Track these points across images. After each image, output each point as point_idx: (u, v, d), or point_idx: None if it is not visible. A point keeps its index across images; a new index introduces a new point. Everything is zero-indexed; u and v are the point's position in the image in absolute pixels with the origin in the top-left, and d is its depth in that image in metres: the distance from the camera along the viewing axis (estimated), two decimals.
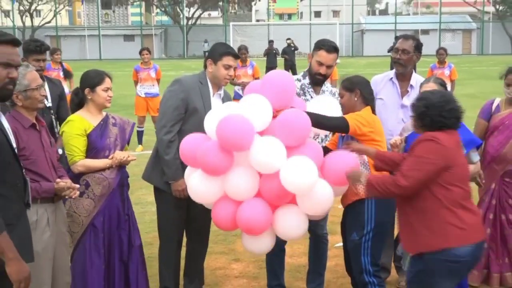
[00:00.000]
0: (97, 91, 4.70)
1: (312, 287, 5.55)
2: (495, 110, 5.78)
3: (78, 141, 4.63)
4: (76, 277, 4.64)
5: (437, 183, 3.88)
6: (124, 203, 4.90)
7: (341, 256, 6.53)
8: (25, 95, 4.13)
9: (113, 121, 4.84)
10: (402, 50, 5.55)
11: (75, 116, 4.73)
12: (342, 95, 4.77)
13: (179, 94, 4.95)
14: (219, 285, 5.90)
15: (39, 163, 4.14)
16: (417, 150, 3.93)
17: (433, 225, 3.89)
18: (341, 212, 8.10)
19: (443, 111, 3.94)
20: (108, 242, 4.81)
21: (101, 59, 54.44)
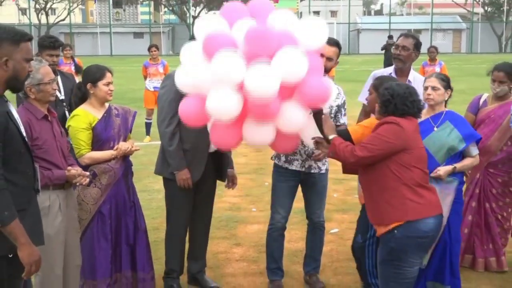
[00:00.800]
0: (98, 86, 4.67)
1: (308, 270, 5.54)
2: (482, 104, 5.81)
3: (84, 135, 4.61)
4: (84, 261, 4.62)
5: (397, 163, 3.98)
6: (129, 190, 4.90)
7: (336, 241, 6.58)
8: (37, 89, 4.12)
9: (115, 112, 4.82)
10: (402, 46, 5.54)
11: (80, 110, 4.70)
12: (370, 92, 4.65)
13: (172, 87, 4.79)
14: (221, 268, 5.90)
15: (51, 152, 4.13)
16: (380, 129, 4.04)
17: (394, 200, 3.98)
18: (336, 201, 8.17)
19: (406, 101, 4.05)
20: (115, 228, 4.81)
21: (112, 55, 54.43)
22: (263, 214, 7.53)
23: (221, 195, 8.56)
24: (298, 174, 5.25)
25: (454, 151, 4.80)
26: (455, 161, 4.81)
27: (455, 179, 4.82)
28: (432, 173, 4.71)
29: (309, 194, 5.40)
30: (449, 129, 4.82)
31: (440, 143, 4.79)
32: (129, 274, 4.90)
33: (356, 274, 5.71)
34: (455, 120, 4.89)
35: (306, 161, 5.19)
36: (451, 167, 4.76)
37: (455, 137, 4.79)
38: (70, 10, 61.31)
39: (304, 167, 5.20)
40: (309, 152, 5.13)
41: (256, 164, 10.60)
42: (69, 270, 4.37)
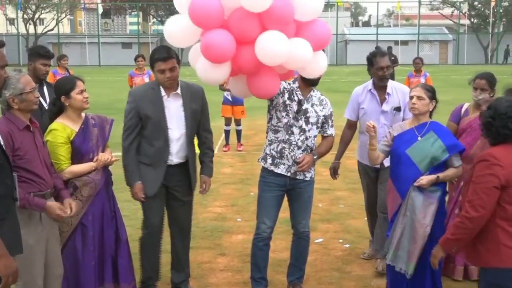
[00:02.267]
0: (72, 96, 4.62)
1: (291, 280, 5.53)
2: (464, 113, 5.88)
3: (62, 149, 4.57)
4: (68, 273, 4.61)
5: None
6: (110, 201, 4.88)
7: (320, 251, 6.59)
8: (20, 98, 4.10)
9: (92, 122, 4.80)
10: (387, 67, 5.95)
11: (57, 124, 4.65)
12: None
13: (131, 104, 5.07)
14: (205, 278, 5.89)
15: (33, 162, 4.13)
16: (474, 174, 3.67)
17: (488, 244, 3.66)
18: (321, 210, 8.17)
19: (509, 122, 3.63)
20: (98, 239, 4.78)
21: (100, 65, 54.37)
22: (248, 224, 7.53)
23: (207, 205, 8.58)
24: (284, 184, 5.27)
25: (437, 161, 4.84)
26: (438, 171, 4.84)
27: (438, 188, 4.85)
28: (415, 182, 4.77)
29: (295, 204, 5.41)
30: (433, 139, 4.87)
31: (424, 153, 4.83)
32: (112, 287, 4.88)
33: (339, 283, 5.74)
34: (439, 130, 4.94)
35: (292, 167, 5.20)
36: (434, 177, 4.79)
37: (439, 147, 4.83)
38: (59, 20, 61.18)
39: (289, 172, 5.21)
40: (295, 158, 5.16)
41: (242, 174, 10.61)
42: (50, 280, 4.36)
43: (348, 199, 8.95)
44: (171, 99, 5.14)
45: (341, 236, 7.17)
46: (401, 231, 4.86)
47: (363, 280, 5.82)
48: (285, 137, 5.17)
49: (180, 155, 5.24)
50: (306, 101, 5.22)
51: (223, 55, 4.46)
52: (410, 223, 4.82)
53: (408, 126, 5.04)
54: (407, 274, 4.84)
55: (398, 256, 4.89)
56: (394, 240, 4.90)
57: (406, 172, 4.86)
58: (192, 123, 5.24)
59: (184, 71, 4.51)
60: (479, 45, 60.92)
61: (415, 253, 4.80)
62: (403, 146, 4.92)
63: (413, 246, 4.81)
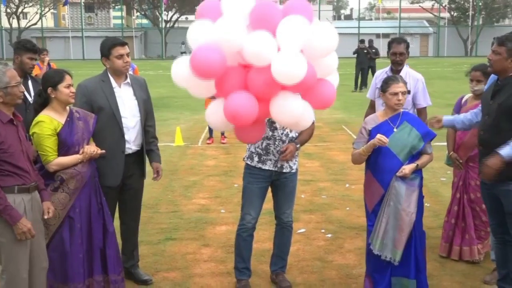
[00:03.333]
0: (59, 89, 4.60)
1: (274, 269, 5.56)
2: (463, 104, 6.07)
3: (49, 141, 4.55)
4: (55, 266, 4.60)
5: None
6: (97, 193, 4.87)
7: (302, 241, 6.63)
8: (5, 92, 4.08)
9: (77, 115, 4.78)
10: (400, 53, 6.39)
11: (43, 116, 4.62)
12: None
13: (82, 98, 5.05)
14: (189, 268, 5.90)
15: (16, 156, 4.11)
16: None
17: None
18: (304, 201, 8.20)
19: None
20: (86, 232, 4.77)
21: (84, 59, 54.00)
22: (231, 215, 7.55)
23: (191, 197, 8.60)
24: (270, 176, 5.29)
25: (415, 150, 4.91)
26: (415, 159, 4.92)
27: (417, 176, 4.93)
28: (398, 172, 4.83)
29: (279, 194, 5.43)
30: (408, 129, 4.94)
31: (402, 143, 4.89)
32: (101, 278, 4.86)
33: (321, 272, 5.78)
34: (412, 120, 5.03)
35: (278, 161, 5.22)
36: (414, 165, 4.87)
37: (415, 136, 4.91)
38: (42, 14, 60.67)
39: (276, 167, 5.24)
40: (282, 153, 5.17)
41: (226, 166, 10.62)
42: (35, 273, 4.34)
43: (331, 190, 9.00)
44: (122, 89, 5.24)
45: (323, 226, 7.21)
46: (386, 221, 4.91)
47: (344, 269, 5.86)
48: (268, 133, 5.18)
49: (137, 143, 5.34)
50: None
51: (249, 119, 4.43)
52: (394, 212, 4.87)
53: (382, 118, 5.06)
54: (395, 261, 4.90)
55: (384, 245, 4.94)
56: (380, 230, 4.95)
57: (387, 164, 4.90)
58: (143, 111, 5.36)
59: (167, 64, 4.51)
60: (459, 38, 61.27)
61: (402, 240, 4.86)
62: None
63: (399, 234, 4.86)
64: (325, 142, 12.91)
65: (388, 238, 4.90)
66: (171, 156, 11.58)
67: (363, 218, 7.48)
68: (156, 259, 6.12)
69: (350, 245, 6.56)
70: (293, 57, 4.18)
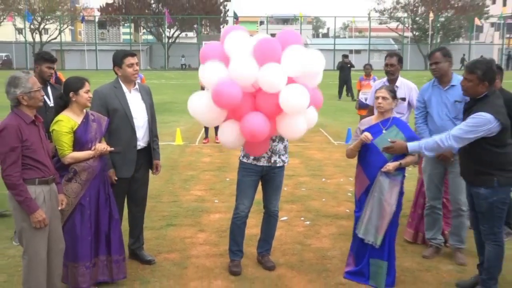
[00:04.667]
0: (80, 93, 4.61)
1: (260, 252, 5.56)
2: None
3: (66, 138, 4.53)
4: (67, 246, 4.55)
5: None
6: (105, 185, 4.84)
7: (285, 227, 6.62)
8: (29, 96, 4.07)
9: (92, 117, 4.76)
10: (390, 64, 6.41)
11: (63, 116, 4.61)
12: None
13: (98, 102, 5.04)
14: (187, 250, 5.88)
15: (38, 152, 4.10)
16: None
17: None
18: (286, 193, 8.19)
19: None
20: (94, 217, 4.74)
21: (97, 69, 53.63)
22: (224, 204, 7.54)
23: (189, 189, 8.57)
24: (261, 170, 5.27)
25: None
26: (399, 158, 4.93)
27: (400, 173, 4.95)
28: (383, 168, 4.86)
29: (268, 187, 5.40)
30: (395, 132, 4.96)
31: (388, 143, 4.90)
32: (105, 258, 4.85)
33: (301, 254, 5.78)
34: (400, 124, 5.04)
35: (271, 157, 5.23)
36: (398, 163, 4.88)
37: (400, 138, 4.92)
38: (61, 30, 60.25)
39: (270, 162, 5.24)
40: (273, 149, 5.20)
41: (219, 163, 10.60)
42: (54, 253, 4.32)
43: (309, 183, 9.00)
44: (132, 94, 5.25)
45: (302, 215, 7.21)
46: (371, 210, 4.95)
47: (320, 252, 5.87)
48: None
49: (145, 140, 5.34)
50: None
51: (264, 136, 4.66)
52: (378, 202, 4.91)
53: (374, 121, 5.11)
54: (376, 244, 4.95)
55: (367, 230, 4.97)
56: (364, 217, 4.98)
57: (374, 159, 4.94)
58: (150, 113, 5.38)
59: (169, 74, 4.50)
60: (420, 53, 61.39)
61: (383, 227, 4.91)
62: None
63: (381, 221, 4.91)
64: (305, 143, 12.91)
65: (371, 224, 4.95)
66: (172, 154, 11.54)
67: (337, 208, 7.54)
68: (159, 242, 6.10)
69: (326, 231, 6.56)
70: (299, 93, 4.48)
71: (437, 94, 5.58)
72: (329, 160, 10.95)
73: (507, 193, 4.69)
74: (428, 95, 5.65)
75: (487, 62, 4.60)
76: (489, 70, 4.55)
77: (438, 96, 5.57)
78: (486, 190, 4.59)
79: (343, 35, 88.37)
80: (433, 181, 5.72)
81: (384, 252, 4.97)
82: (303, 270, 5.38)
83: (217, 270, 5.36)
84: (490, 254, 4.69)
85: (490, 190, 4.59)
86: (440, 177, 5.69)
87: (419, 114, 5.75)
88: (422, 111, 5.72)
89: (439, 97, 5.56)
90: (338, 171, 9.88)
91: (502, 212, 4.68)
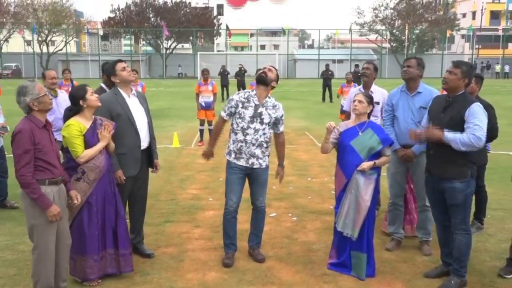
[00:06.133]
0: (88, 98, 4.62)
1: (251, 245, 5.57)
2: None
3: (78, 140, 4.53)
4: (76, 241, 4.55)
5: None
6: (111, 183, 4.82)
7: (273, 223, 6.62)
8: (38, 101, 4.07)
9: (100, 122, 4.76)
10: (366, 68, 6.71)
11: (72, 120, 4.61)
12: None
13: (102, 109, 4.95)
14: (183, 244, 5.87)
15: (49, 154, 4.10)
16: None
17: None
18: (275, 191, 8.20)
19: None
20: (101, 214, 4.73)
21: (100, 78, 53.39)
22: (217, 202, 7.53)
23: (185, 188, 8.55)
24: (245, 169, 5.31)
25: (374, 151, 4.96)
26: (374, 159, 4.96)
27: (375, 172, 4.98)
28: (359, 167, 4.90)
29: (254, 185, 5.43)
30: (370, 134, 5.00)
31: (363, 145, 4.95)
32: (112, 251, 4.83)
33: (288, 247, 5.79)
34: (375, 128, 5.07)
35: (249, 159, 5.28)
36: (372, 163, 4.92)
37: (375, 140, 4.96)
38: (67, 42, 59.99)
39: (248, 163, 5.28)
40: (252, 153, 5.23)
41: (213, 164, 10.53)
42: (62, 248, 4.31)
43: (296, 182, 9.01)
44: (131, 99, 5.24)
45: (290, 211, 7.22)
46: (348, 205, 4.98)
47: (307, 245, 5.87)
48: (242, 138, 5.24)
49: (146, 141, 5.32)
50: (261, 106, 5.26)
51: None
52: (354, 199, 4.94)
53: (352, 124, 5.14)
54: (353, 237, 4.98)
55: (345, 224, 5.00)
56: (343, 212, 5.01)
57: (351, 159, 4.97)
58: (149, 116, 5.40)
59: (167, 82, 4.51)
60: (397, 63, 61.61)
61: (359, 221, 4.94)
62: (348, 139, 5.03)
63: (357, 216, 4.94)
64: (292, 145, 12.93)
65: (349, 219, 4.99)
66: (169, 156, 11.51)
67: (322, 205, 7.55)
68: (157, 237, 6.08)
69: (311, 226, 6.58)
70: None
71: (404, 100, 5.61)
72: (314, 161, 10.97)
73: (475, 184, 4.76)
74: (396, 99, 5.68)
75: (470, 64, 4.76)
76: (471, 70, 4.69)
77: (405, 101, 5.59)
78: (462, 184, 4.61)
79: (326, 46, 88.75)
80: (396, 180, 5.74)
81: (363, 245, 5.00)
82: (291, 262, 5.39)
83: (211, 262, 5.35)
84: (461, 244, 4.70)
85: (465, 183, 4.62)
86: (402, 176, 5.71)
87: (387, 116, 5.76)
88: (389, 114, 5.73)
89: (406, 102, 5.58)
90: (323, 171, 9.90)
91: (471, 202, 4.78)
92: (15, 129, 4.03)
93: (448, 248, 4.92)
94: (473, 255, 5.02)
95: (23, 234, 5.98)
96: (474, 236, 5.73)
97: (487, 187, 6.52)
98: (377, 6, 64.59)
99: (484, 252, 5.68)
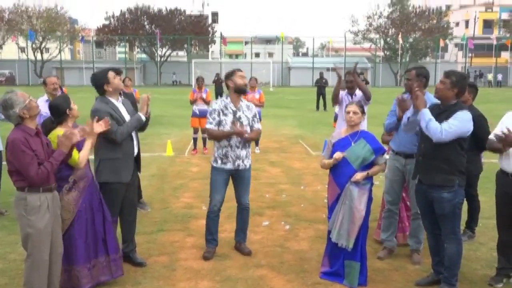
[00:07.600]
0: (72, 108, 4.65)
1: (238, 239, 5.92)
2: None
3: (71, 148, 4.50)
4: (68, 252, 4.53)
5: None
6: (96, 190, 4.84)
7: (266, 232, 6.63)
8: (27, 108, 4.06)
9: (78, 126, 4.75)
10: (350, 81, 7.67)
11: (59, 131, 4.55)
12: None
13: (105, 115, 4.94)
14: (176, 253, 5.85)
15: (42, 158, 4.08)
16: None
17: None
18: (268, 200, 8.20)
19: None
20: (90, 221, 4.71)
21: None
22: None
23: (178, 196, 8.54)
24: (229, 171, 5.63)
25: (367, 161, 4.97)
26: (367, 169, 4.97)
27: (368, 182, 4.99)
28: (352, 178, 4.90)
29: (238, 185, 5.75)
30: (363, 144, 5.01)
31: (356, 155, 4.95)
32: (103, 259, 4.82)
33: (281, 256, 5.79)
34: (367, 137, 5.08)
35: (236, 162, 5.59)
36: (365, 173, 4.93)
37: (368, 150, 4.97)
38: (61, 49, 59.97)
39: (234, 166, 5.59)
40: (237, 155, 5.56)
41: (206, 172, 10.46)
42: (54, 256, 4.29)
43: (289, 191, 9.02)
44: (119, 103, 5.25)
45: (283, 219, 7.21)
46: (342, 216, 4.98)
47: (299, 254, 5.88)
48: (226, 143, 5.56)
49: (137, 146, 5.38)
50: (238, 110, 5.61)
51: None
52: (348, 209, 4.94)
53: (344, 134, 5.16)
54: (348, 248, 4.98)
55: (340, 235, 5.00)
56: (337, 223, 5.01)
57: (344, 170, 4.97)
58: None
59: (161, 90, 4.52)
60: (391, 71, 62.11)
61: (354, 231, 4.95)
62: (341, 150, 5.03)
63: (352, 226, 4.94)
64: (286, 153, 12.95)
65: (343, 229, 4.98)
66: (162, 164, 11.50)
67: (315, 213, 7.56)
68: (150, 246, 6.07)
69: (304, 234, 6.58)
70: None
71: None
72: (308, 170, 10.99)
73: (464, 193, 4.77)
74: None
75: (462, 74, 4.75)
76: (462, 80, 4.68)
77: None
78: (449, 194, 4.63)
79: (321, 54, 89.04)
80: (393, 187, 5.77)
81: (357, 254, 5.01)
82: (283, 270, 5.39)
83: (203, 272, 5.34)
84: (452, 252, 4.72)
85: (452, 193, 4.64)
86: (399, 184, 5.73)
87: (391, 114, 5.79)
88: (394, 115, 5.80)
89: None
90: (316, 180, 9.92)
91: (461, 211, 4.78)
92: (8, 139, 4.02)
93: (439, 257, 4.94)
94: (464, 264, 5.03)
95: (15, 243, 5.96)
96: (466, 244, 5.76)
97: (481, 195, 6.56)
98: (371, 14, 65.02)
99: (475, 260, 5.70)
